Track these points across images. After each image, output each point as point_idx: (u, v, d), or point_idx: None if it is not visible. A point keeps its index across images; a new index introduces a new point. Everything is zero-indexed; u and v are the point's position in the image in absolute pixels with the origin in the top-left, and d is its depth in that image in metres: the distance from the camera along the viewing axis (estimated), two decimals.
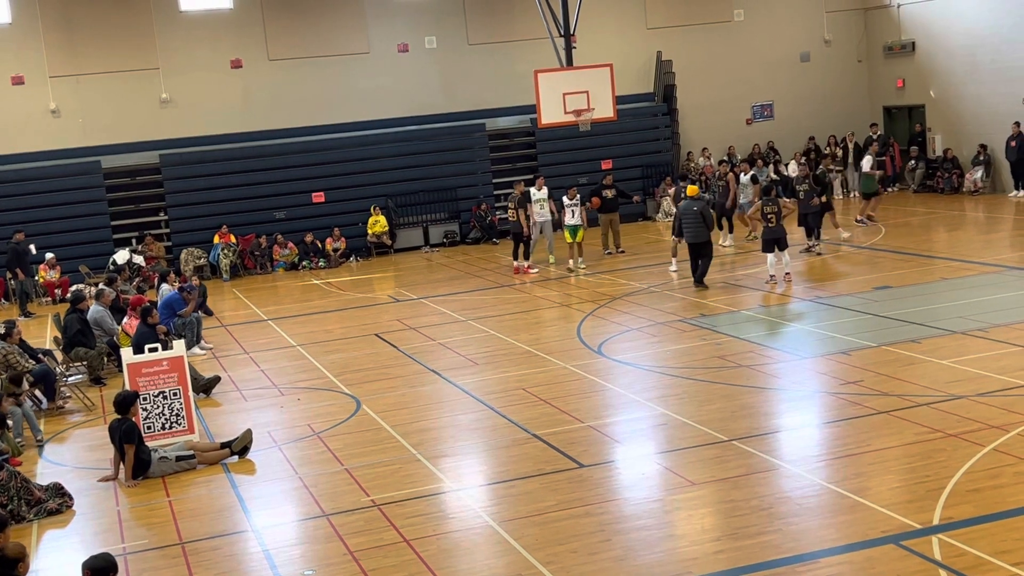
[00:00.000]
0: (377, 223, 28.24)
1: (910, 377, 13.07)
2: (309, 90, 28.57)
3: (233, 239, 27.13)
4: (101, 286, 19.05)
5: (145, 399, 12.99)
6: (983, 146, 28.81)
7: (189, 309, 18.46)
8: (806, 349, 15.04)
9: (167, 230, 27.85)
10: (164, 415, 13.11)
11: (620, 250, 24.71)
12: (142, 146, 27.52)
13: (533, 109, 24.77)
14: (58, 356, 17.08)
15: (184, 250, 27.02)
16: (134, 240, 27.23)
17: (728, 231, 24.51)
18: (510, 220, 24.31)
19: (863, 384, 12.97)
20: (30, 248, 24.44)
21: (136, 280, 24.55)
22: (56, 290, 25.14)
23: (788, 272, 19.51)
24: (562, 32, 24.79)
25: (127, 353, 13.82)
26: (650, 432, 12.15)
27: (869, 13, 32.41)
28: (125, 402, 12.08)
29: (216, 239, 27.04)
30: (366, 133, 29.01)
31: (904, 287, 18.39)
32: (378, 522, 10.09)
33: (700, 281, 19.58)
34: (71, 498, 11.36)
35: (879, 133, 31.03)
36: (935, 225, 25.11)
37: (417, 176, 29.09)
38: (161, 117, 27.69)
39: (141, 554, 9.91)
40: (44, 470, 12.65)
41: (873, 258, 21.37)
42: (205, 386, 15.33)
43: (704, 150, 31.42)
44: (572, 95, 23.62)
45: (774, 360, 14.57)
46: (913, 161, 30.59)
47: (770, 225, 19.53)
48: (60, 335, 17.42)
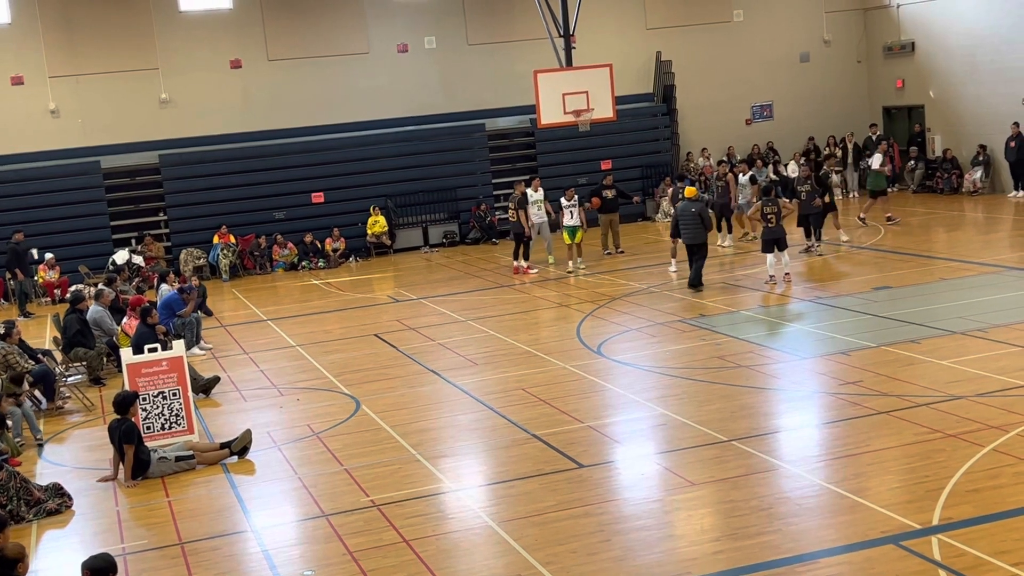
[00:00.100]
0: (376, 223, 28.23)
1: (909, 377, 13.07)
2: (309, 90, 28.56)
3: (232, 239, 27.12)
4: (100, 286, 19.04)
5: (144, 399, 12.99)
6: (982, 146, 28.80)
7: (188, 309, 18.46)
8: (805, 349, 15.04)
9: (166, 230, 27.84)
10: (163, 415, 13.11)
11: (620, 250, 24.70)
12: (141, 146, 27.50)
13: (533, 109, 24.76)
14: (57, 356, 17.07)
15: (183, 250, 27.01)
16: (133, 240, 27.21)
17: (727, 231, 24.52)
18: (510, 220, 24.32)
19: (862, 384, 12.97)
20: (31, 252, 24.45)
21: (135, 280, 24.54)
22: (55, 290, 25.12)
23: (787, 272, 19.52)
24: (562, 32, 24.77)
25: (126, 353, 13.83)
26: (649, 432, 12.15)
27: (869, 13, 32.40)
28: (124, 402, 12.08)
29: (215, 239, 27.02)
30: (366, 133, 29.00)
31: (903, 287, 18.39)
32: (377, 522, 10.09)
33: (693, 284, 19.44)
34: (70, 498, 11.36)
35: (878, 133, 31.05)
36: (934, 225, 25.11)
37: (416, 176, 29.07)
38: (161, 117, 27.68)
39: (140, 554, 9.91)
40: (43, 470, 12.65)
41: (872, 258, 21.37)
42: (204, 386, 15.33)
43: (704, 150, 31.41)
44: (572, 95, 23.60)
45: (773, 360, 14.57)
46: (912, 161, 30.59)
47: (770, 225, 19.52)
48: (59, 335, 17.42)
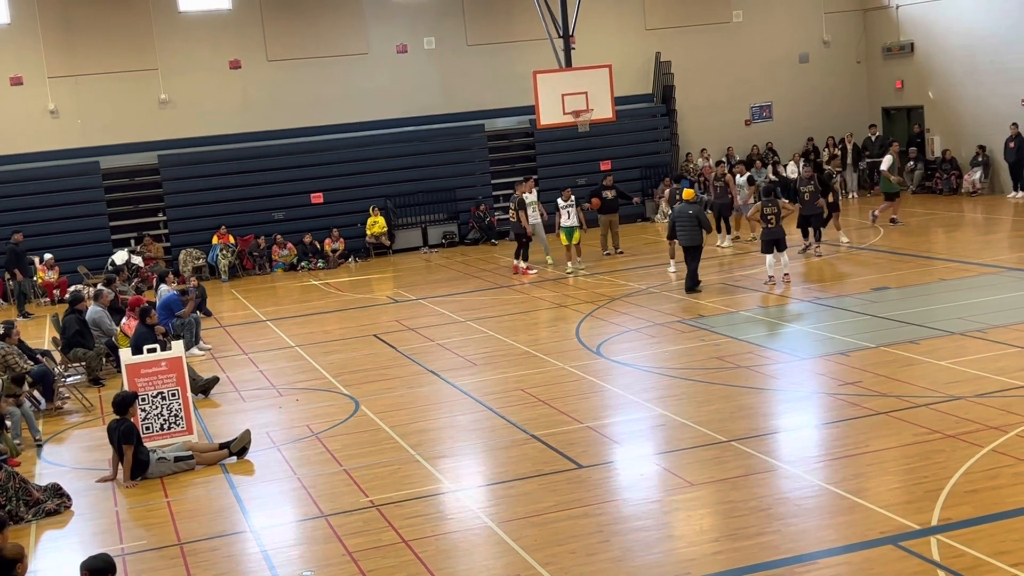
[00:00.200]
0: (376, 224, 28.23)
1: (909, 378, 13.07)
2: (308, 91, 28.56)
3: (232, 240, 27.12)
4: (99, 287, 19.03)
5: (144, 400, 12.99)
6: (982, 147, 28.80)
7: (187, 310, 18.45)
8: (805, 350, 15.04)
9: (166, 231, 27.85)
10: (163, 416, 13.11)
11: (619, 251, 24.70)
12: (141, 147, 27.51)
13: (532, 110, 24.75)
14: (57, 357, 17.05)
15: (183, 251, 27.01)
16: (133, 241, 27.21)
17: (726, 232, 24.53)
18: (511, 221, 24.31)
19: (862, 385, 12.97)
20: (32, 260, 24.48)
21: (134, 281, 24.54)
22: (54, 291, 25.12)
23: (787, 273, 19.52)
24: (561, 33, 24.78)
25: (126, 354, 13.83)
26: (649, 433, 12.15)
27: (868, 14, 32.41)
28: (124, 403, 12.08)
29: (215, 240, 27.03)
30: (365, 134, 29.00)
31: (903, 288, 18.40)
32: (377, 523, 10.09)
33: (690, 288, 19.31)
34: (69, 499, 11.36)
35: (877, 134, 31.06)
36: (933, 226, 25.11)
37: (416, 177, 29.07)
38: (160, 118, 27.68)
39: (139, 555, 9.91)
40: (43, 471, 12.64)
41: (872, 259, 21.37)
42: (204, 387, 15.33)
43: (703, 151, 31.40)
44: (571, 96, 23.59)
45: (773, 361, 14.57)
46: (912, 162, 30.59)
47: (769, 226, 19.53)
48: (58, 336, 17.42)
